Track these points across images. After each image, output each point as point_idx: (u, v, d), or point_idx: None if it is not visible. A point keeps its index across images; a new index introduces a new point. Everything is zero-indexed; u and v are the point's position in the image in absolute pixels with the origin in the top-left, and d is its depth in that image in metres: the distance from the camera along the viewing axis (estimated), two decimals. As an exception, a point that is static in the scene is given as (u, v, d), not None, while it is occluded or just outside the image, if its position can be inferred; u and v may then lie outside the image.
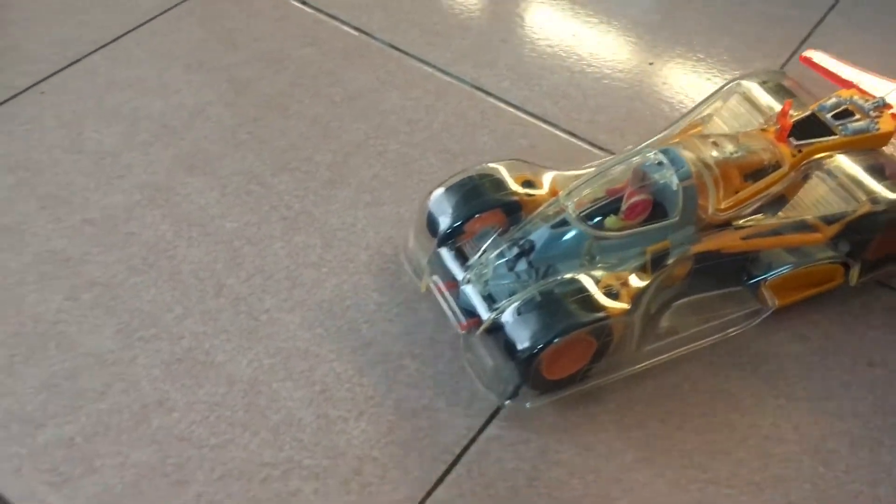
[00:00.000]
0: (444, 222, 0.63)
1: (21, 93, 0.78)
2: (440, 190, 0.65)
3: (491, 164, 0.66)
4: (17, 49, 0.81)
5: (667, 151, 0.60)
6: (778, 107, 0.68)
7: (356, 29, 0.85)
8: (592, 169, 0.64)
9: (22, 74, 0.79)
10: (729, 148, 0.62)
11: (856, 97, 0.68)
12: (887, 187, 0.64)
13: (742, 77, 0.73)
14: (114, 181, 0.72)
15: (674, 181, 0.59)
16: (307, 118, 0.78)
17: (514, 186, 0.64)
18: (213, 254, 0.68)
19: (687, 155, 0.60)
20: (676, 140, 0.64)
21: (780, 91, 0.71)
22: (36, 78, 0.79)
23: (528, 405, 0.60)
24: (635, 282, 0.59)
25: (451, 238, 0.63)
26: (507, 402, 0.60)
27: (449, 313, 0.61)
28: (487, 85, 0.82)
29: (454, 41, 0.86)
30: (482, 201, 0.64)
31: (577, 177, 0.64)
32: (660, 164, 0.60)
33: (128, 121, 0.77)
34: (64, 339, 0.64)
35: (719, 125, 0.70)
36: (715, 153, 0.61)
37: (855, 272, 0.65)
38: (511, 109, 0.80)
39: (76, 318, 0.64)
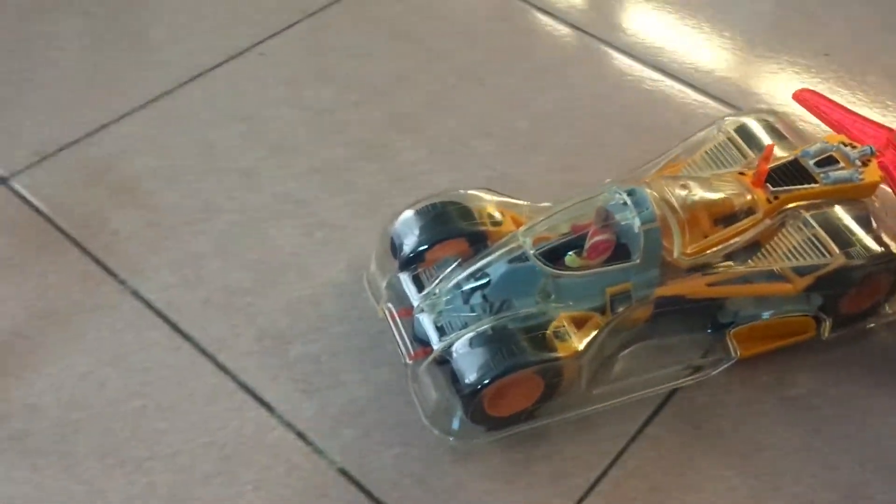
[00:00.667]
0: (407, 246, 0.63)
1: (242, 52, 0.87)
2: (407, 213, 0.64)
3: (460, 192, 0.65)
4: (235, 13, 0.92)
5: (632, 192, 0.59)
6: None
7: (540, 10, 0.93)
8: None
9: (242, 36, 0.89)
10: (699, 191, 0.61)
11: (844, 144, 0.65)
12: (866, 241, 0.62)
13: (739, 114, 0.72)
14: (332, 135, 0.80)
15: (636, 223, 0.58)
16: (502, 88, 0.85)
17: (482, 216, 0.64)
18: None
19: (652, 196, 0.59)
20: (648, 178, 0.62)
21: (771, 130, 0.70)
22: (254, 40, 0.88)
23: (474, 441, 0.59)
24: (591, 323, 0.58)
25: (412, 263, 0.63)
26: (450, 439, 0.59)
27: (399, 341, 0.60)
28: (671, 67, 0.87)
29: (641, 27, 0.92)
30: (447, 228, 0.63)
31: (545, 210, 0.63)
32: (624, 203, 0.59)
33: (340, 82, 0.85)
34: (302, 269, 0.70)
35: (703, 164, 0.69)
36: (683, 195, 0.60)
37: (827, 326, 0.63)
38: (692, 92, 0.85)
39: (311, 252, 0.71)
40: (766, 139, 0.68)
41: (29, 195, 0.74)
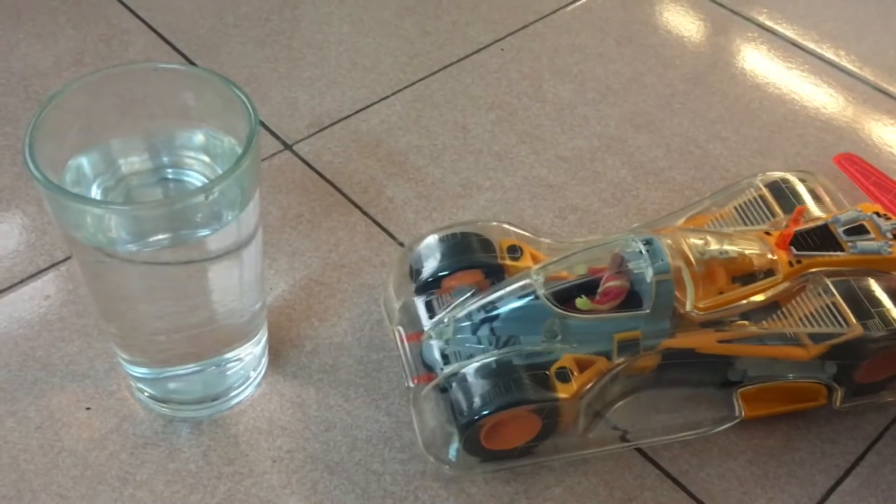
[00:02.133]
0: (426, 271, 0.64)
1: (485, 48, 0.95)
2: (430, 238, 0.65)
3: (481, 223, 0.66)
4: (476, 11, 1.00)
5: (649, 241, 0.59)
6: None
7: (758, 25, 1.00)
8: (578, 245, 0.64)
9: (484, 33, 0.97)
10: (718, 246, 0.60)
11: (878, 214, 0.65)
12: (888, 314, 0.61)
13: (777, 172, 0.71)
14: (574, 128, 0.86)
15: (649, 273, 0.58)
16: (729, 96, 0.90)
17: (502, 250, 0.65)
18: (668, 199, 0.79)
19: (669, 247, 0.59)
20: (669, 229, 0.62)
21: (810, 193, 0.69)
22: (495, 37, 0.96)
23: (468, 472, 0.60)
24: (595, 367, 0.59)
25: (428, 289, 0.64)
26: (446, 469, 0.60)
27: (404, 364, 0.61)
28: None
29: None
30: (466, 258, 0.64)
31: (564, 250, 0.64)
32: (640, 252, 0.59)
33: (577, 80, 0.91)
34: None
35: (732, 219, 0.68)
36: (701, 249, 0.60)
37: (839, 395, 0.62)
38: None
39: (566, 233, 0.76)
40: (799, 201, 0.68)
41: (311, 160, 0.82)
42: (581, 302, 0.59)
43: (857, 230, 0.64)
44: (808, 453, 0.63)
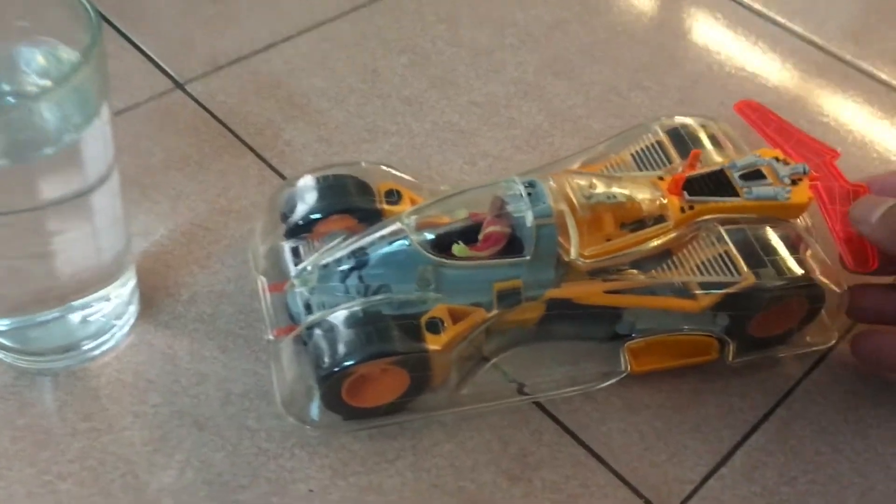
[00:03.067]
0: (296, 215, 0.60)
1: None
2: (303, 179, 0.61)
3: (362, 165, 0.62)
4: None
5: (532, 184, 0.55)
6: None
7: None
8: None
9: None
10: (606, 190, 0.57)
11: (777, 159, 0.61)
12: (782, 263, 0.58)
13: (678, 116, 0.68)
14: (490, 74, 0.82)
15: (529, 217, 0.54)
16: (652, 45, 0.87)
17: (381, 194, 0.61)
18: (584, 146, 0.73)
19: (553, 190, 0.55)
20: (557, 173, 0.59)
21: (711, 139, 0.65)
22: None
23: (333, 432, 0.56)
24: (470, 318, 0.55)
25: (297, 233, 0.60)
26: (308, 428, 0.56)
27: (265, 316, 0.57)
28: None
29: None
30: (340, 202, 0.60)
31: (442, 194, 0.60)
32: (521, 195, 0.55)
33: (495, 25, 0.87)
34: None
35: (629, 165, 0.65)
36: (588, 193, 0.56)
37: (731, 349, 0.59)
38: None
39: (474, 180, 0.73)
40: (698, 146, 0.64)
41: (204, 101, 0.77)
42: (458, 248, 0.56)
43: (754, 175, 0.60)
44: (715, 407, 0.60)
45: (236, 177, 0.70)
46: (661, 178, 0.60)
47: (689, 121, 0.66)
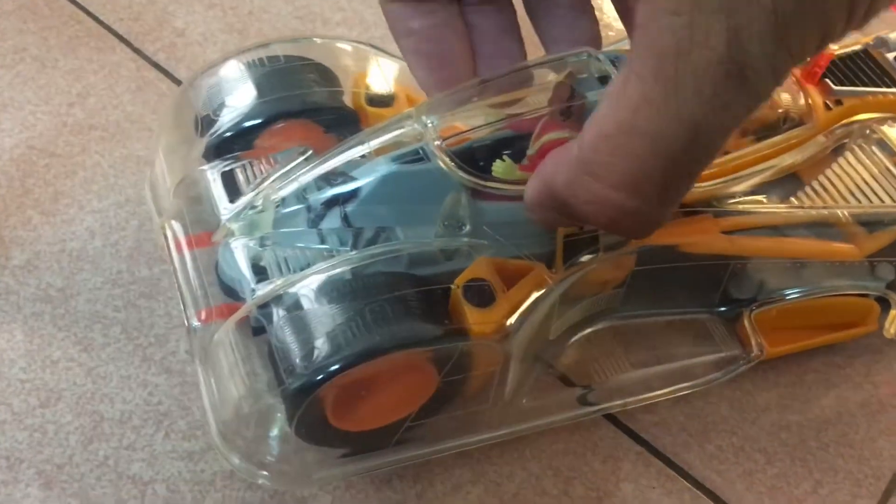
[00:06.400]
0: (223, 122, 0.37)
1: None
2: (228, 66, 0.38)
3: (323, 41, 0.39)
4: None
5: (619, 60, 0.34)
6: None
7: None
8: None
9: None
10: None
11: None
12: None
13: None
14: None
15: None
16: None
17: (358, 86, 0.38)
18: None
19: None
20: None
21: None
22: None
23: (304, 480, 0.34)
24: (530, 279, 0.33)
25: (227, 151, 0.37)
26: (264, 475, 0.33)
27: (184, 290, 0.34)
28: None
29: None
30: (296, 99, 0.37)
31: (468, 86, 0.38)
32: (602, 79, 0.34)
33: None
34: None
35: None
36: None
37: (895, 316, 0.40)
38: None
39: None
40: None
41: None
42: (503, 167, 0.34)
43: (915, 57, 0.41)
44: (861, 406, 0.42)
45: (100, 78, 0.50)
46: (784, 64, 0.39)
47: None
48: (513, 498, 0.37)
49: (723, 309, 0.39)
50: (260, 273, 0.33)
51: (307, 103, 0.37)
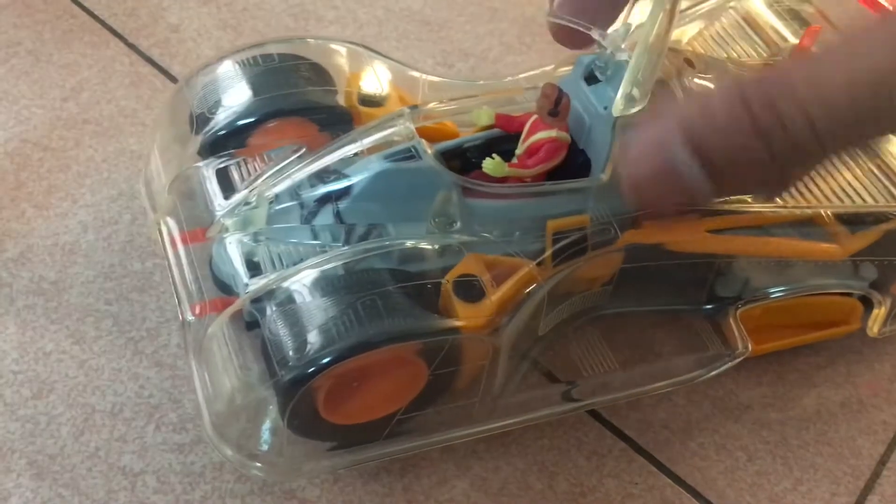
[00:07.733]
0: (218, 120, 0.37)
1: None
2: (223, 65, 0.39)
3: (317, 42, 0.40)
4: None
5: (610, 62, 0.35)
6: (789, 35, 0.44)
7: None
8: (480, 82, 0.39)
9: None
10: (711, 74, 0.37)
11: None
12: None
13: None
14: None
15: (609, 113, 0.33)
16: None
17: (352, 86, 0.39)
18: None
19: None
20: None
21: (794, 17, 0.46)
22: None
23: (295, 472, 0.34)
24: (520, 276, 0.34)
25: (222, 148, 0.37)
26: (257, 466, 0.33)
27: (176, 283, 0.34)
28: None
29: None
30: (291, 98, 0.38)
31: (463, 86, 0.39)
32: (591, 80, 0.34)
33: None
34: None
35: (699, 51, 0.45)
36: (691, 76, 0.36)
37: (879, 316, 0.40)
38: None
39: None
40: (789, 24, 0.45)
41: None
42: (493, 165, 0.34)
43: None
44: (842, 406, 0.42)
45: (94, 73, 0.50)
46: (768, 64, 0.40)
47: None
48: (498, 492, 0.37)
49: (709, 307, 0.40)
50: (253, 268, 0.33)
51: (301, 102, 0.38)
